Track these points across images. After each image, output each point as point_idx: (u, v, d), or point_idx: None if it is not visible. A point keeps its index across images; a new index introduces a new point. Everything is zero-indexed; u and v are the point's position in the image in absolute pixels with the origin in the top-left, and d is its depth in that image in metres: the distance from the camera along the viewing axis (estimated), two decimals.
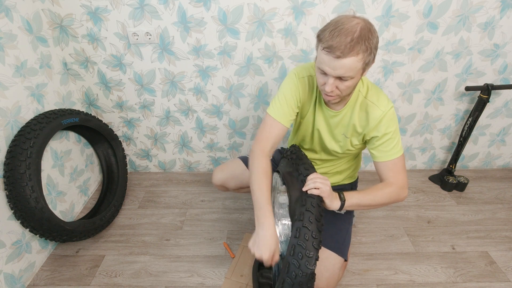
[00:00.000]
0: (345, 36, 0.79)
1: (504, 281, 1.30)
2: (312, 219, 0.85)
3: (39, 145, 1.22)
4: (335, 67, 0.83)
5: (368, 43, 0.81)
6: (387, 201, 0.99)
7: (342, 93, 0.91)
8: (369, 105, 0.99)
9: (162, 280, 1.33)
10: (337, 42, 0.80)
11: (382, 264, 1.38)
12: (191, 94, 1.67)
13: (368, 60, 0.84)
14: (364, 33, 0.80)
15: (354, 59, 0.81)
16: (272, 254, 0.89)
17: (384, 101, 0.99)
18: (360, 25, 0.81)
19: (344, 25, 0.81)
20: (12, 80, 1.24)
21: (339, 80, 0.87)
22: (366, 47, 0.81)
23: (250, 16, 1.42)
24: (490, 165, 1.98)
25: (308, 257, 0.82)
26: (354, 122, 1.03)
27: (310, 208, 0.87)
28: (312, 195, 0.90)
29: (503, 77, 1.60)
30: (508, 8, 1.40)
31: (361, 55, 0.81)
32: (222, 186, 1.38)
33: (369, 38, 0.81)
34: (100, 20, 1.43)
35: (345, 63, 0.81)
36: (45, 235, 1.27)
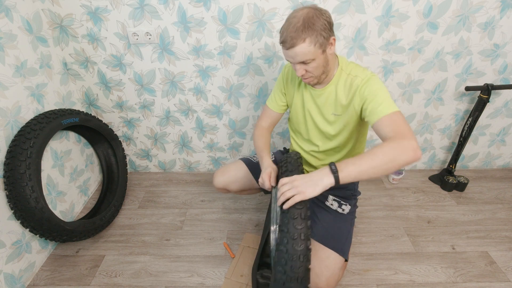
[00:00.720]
0: (290, 28, 0.90)
1: (504, 281, 1.30)
2: (294, 210, 0.84)
3: (39, 145, 1.22)
4: (291, 56, 0.94)
5: (312, 28, 0.89)
6: (391, 157, 0.81)
7: (314, 73, 1.00)
8: (352, 78, 1.04)
9: (162, 280, 1.33)
10: (285, 36, 0.92)
11: (382, 264, 1.38)
12: (191, 94, 1.67)
13: (320, 41, 0.91)
14: (306, 20, 0.89)
15: (303, 45, 0.90)
16: (268, 173, 1.06)
17: (366, 72, 1.03)
18: (303, 15, 0.90)
19: (290, 18, 0.92)
20: (12, 80, 1.24)
21: (304, 64, 0.96)
22: (311, 32, 0.89)
23: (250, 16, 1.42)
24: (490, 165, 1.98)
25: (293, 239, 0.81)
26: (339, 97, 1.07)
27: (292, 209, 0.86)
28: (290, 208, 0.85)
29: (503, 77, 1.60)
30: (508, 8, 1.40)
31: (308, 40, 0.90)
32: (223, 189, 1.38)
33: (313, 23, 0.89)
34: (100, 20, 1.43)
35: (297, 50, 0.92)
36: (45, 235, 1.27)
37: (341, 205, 1.27)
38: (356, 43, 1.49)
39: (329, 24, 0.93)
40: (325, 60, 0.98)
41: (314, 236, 1.22)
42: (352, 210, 1.28)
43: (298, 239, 0.80)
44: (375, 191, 1.82)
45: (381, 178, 1.92)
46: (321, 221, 1.25)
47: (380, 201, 1.74)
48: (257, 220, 1.63)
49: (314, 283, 1.17)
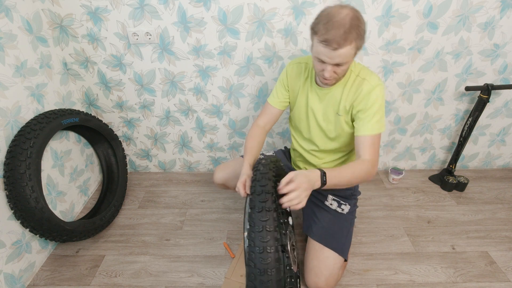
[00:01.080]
0: (338, 28, 0.86)
1: (504, 281, 1.30)
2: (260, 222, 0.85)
3: (39, 145, 1.22)
4: (333, 57, 0.91)
5: (359, 30, 0.88)
6: (361, 179, 1.01)
7: (339, 75, 1.00)
8: (360, 81, 1.05)
9: (162, 280, 1.33)
10: (332, 35, 0.87)
11: (382, 264, 1.38)
12: (191, 94, 1.67)
13: (360, 45, 0.92)
14: (354, 22, 0.87)
15: (349, 48, 0.89)
16: (243, 181, 1.03)
17: (375, 78, 1.04)
18: (349, 15, 0.87)
19: (335, 17, 0.88)
20: (12, 80, 1.24)
21: (336, 66, 0.95)
22: (357, 35, 0.88)
23: (250, 16, 1.42)
24: (490, 165, 1.97)
25: (258, 232, 0.82)
26: (344, 98, 1.07)
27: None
28: None
29: (503, 77, 1.60)
30: (508, 8, 1.40)
31: (354, 43, 0.89)
32: (223, 185, 1.38)
33: (359, 25, 0.88)
34: (100, 20, 1.43)
35: (341, 52, 0.89)
36: (45, 235, 1.27)
37: (340, 205, 1.27)
38: None
39: (366, 27, 0.93)
40: (350, 64, 0.99)
41: (314, 236, 1.22)
42: (352, 210, 1.28)
43: (264, 231, 0.82)
44: (375, 191, 1.82)
45: (381, 178, 1.92)
46: (321, 221, 1.25)
47: (380, 201, 1.74)
48: None
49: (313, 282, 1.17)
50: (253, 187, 0.90)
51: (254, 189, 0.89)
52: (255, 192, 0.88)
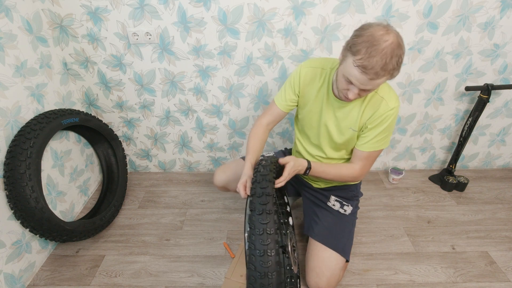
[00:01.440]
0: (380, 58, 0.81)
1: (504, 281, 1.30)
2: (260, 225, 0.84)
3: (39, 145, 1.22)
4: (366, 84, 0.86)
5: (399, 60, 0.83)
6: (343, 181, 1.14)
7: (361, 96, 0.97)
8: (378, 99, 1.02)
9: (162, 280, 1.33)
10: (373, 64, 0.81)
11: (382, 264, 1.38)
12: (191, 94, 1.67)
13: (396, 74, 0.87)
14: (396, 52, 0.82)
15: (382, 80, 0.85)
16: (243, 182, 1.03)
17: (393, 98, 1.02)
18: (393, 44, 0.82)
19: (379, 44, 0.81)
20: (12, 80, 1.24)
21: (362, 91, 0.91)
22: (397, 65, 0.84)
23: (250, 16, 1.42)
24: (490, 165, 1.98)
25: (259, 235, 0.82)
26: (361, 115, 1.05)
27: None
28: None
29: (503, 77, 1.60)
30: (508, 8, 1.40)
31: (388, 77, 0.86)
32: (223, 188, 1.38)
33: (400, 55, 0.83)
34: (100, 20, 1.43)
35: (376, 83, 0.86)
36: (45, 235, 1.27)
37: (343, 206, 1.27)
38: None
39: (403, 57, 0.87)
40: None
41: (316, 236, 1.22)
42: (354, 211, 1.28)
43: (264, 234, 0.82)
44: (375, 191, 1.82)
45: (381, 178, 1.92)
46: (322, 221, 1.25)
47: (380, 201, 1.74)
48: None
49: (314, 283, 1.17)
50: (254, 188, 0.89)
51: (255, 191, 0.88)
52: (255, 194, 0.88)
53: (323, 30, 1.45)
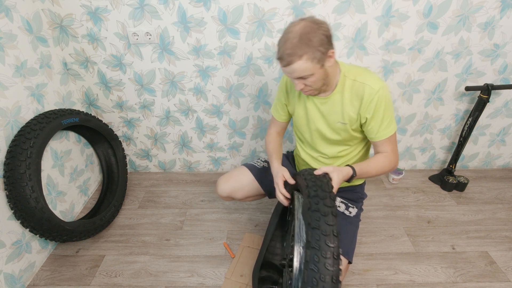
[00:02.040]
0: (285, 45, 0.88)
1: (504, 281, 1.30)
2: (326, 226, 0.77)
3: (39, 145, 1.22)
4: (288, 72, 0.93)
5: (309, 44, 0.86)
6: (386, 171, 1.06)
7: (313, 86, 0.97)
8: (359, 86, 1.01)
9: (162, 280, 1.33)
10: (281, 52, 0.89)
11: (382, 264, 1.38)
12: (191, 94, 1.67)
13: (318, 57, 0.89)
14: (303, 36, 0.86)
15: (300, 62, 0.88)
16: (280, 176, 1.08)
17: (375, 81, 1.00)
18: (300, 30, 0.87)
19: (287, 33, 0.89)
20: (12, 80, 1.24)
21: (302, 79, 0.94)
22: (308, 49, 0.87)
23: (250, 16, 1.42)
24: (490, 165, 1.98)
25: (325, 258, 0.73)
26: (346, 107, 1.04)
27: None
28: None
29: (503, 77, 1.60)
30: (508, 8, 1.40)
31: (305, 56, 0.87)
32: (228, 197, 1.35)
33: (309, 39, 0.86)
34: (100, 20, 1.43)
35: (294, 67, 0.89)
36: (45, 235, 1.27)
37: (348, 208, 1.26)
38: (356, 43, 1.49)
39: (327, 37, 0.90)
40: (324, 74, 0.96)
41: None
42: (358, 214, 1.27)
43: (331, 258, 0.74)
44: (375, 191, 1.82)
45: (381, 178, 1.92)
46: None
47: (380, 201, 1.74)
48: (257, 220, 1.63)
49: None
50: (316, 204, 0.81)
51: (318, 207, 0.80)
52: (319, 210, 0.79)
53: None
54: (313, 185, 0.86)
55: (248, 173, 1.33)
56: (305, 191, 0.87)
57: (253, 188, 1.32)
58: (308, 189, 0.86)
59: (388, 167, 1.06)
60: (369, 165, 1.04)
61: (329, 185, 0.86)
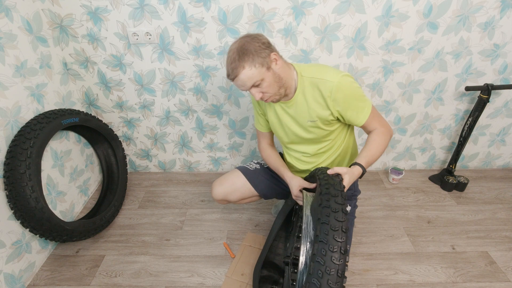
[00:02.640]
0: (228, 61, 0.96)
1: (504, 281, 1.30)
2: (335, 222, 0.77)
3: (39, 145, 1.22)
4: (240, 85, 0.98)
5: (247, 53, 0.93)
6: (386, 144, 1.08)
7: (270, 91, 1.00)
8: (317, 82, 1.02)
9: (162, 280, 1.33)
10: (227, 70, 0.98)
11: (382, 264, 1.38)
12: (191, 94, 1.67)
13: (259, 61, 0.94)
14: (240, 49, 0.94)
15: (244, 71, 0.94)
16: (297, 186, 1.13)
17: (331, 74, 1.01)
18: (236, 46, 0.95)
19: (228, 53, 0.98)
20: (12, 80, 1.24)
21: (256, 87, 0.99)
22: (247, 57, 0.93)
23: (250, 16, 1.42)
24: (490, 165, 1.97)
25: (332, 252, 0.74)
26: (312, 105, 1.05)
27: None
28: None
29: (503, 77, 1.60)
30: (508, 8, 1.40)
31: (247, 65, 0.94)
32: (223, 200, 1.37)
33: (246, 49, 0.94)
34: (100, 20, 1.43)
35: (241, 78, 0.96)
36: (45, 235, 1.27)
37: None
38: (356, 43, 1.49)
39: (264, 44, 0.96)
40: (275, 76, 0.99)
41: None
42: (352, 211, 1.28)
43: (338, 252, 0.75)
44: (375, 191, 1.82)
45: (381, 178, 1.92)
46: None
47: (380, 201, 1.74)
48: (257, 220, 1.63)
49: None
50: (327, 201, 0.82)
51: (329, 204, 0.82)
52: (330, 207, 0.81)
53: (323, 30, 1.45)
54: (326, 183, 0.88)
55: (241, 176, 1.35)
56: (318, 189, 0.90)
57: (247, 190, 1.34)
58: (320, 187, 0.88)
59: (386, 140, 1.08)
60: (370, 151, 1.05)
61: (341, 184, 0.88)
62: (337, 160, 1.22)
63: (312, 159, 1.21)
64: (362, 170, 1.00)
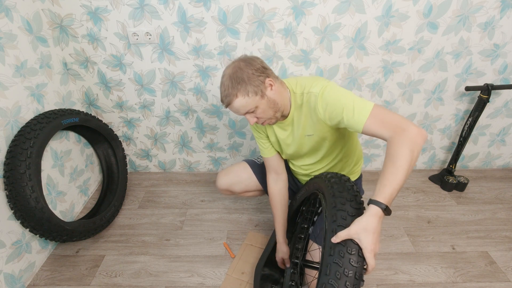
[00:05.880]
0: (222, 88, 0.94)
1: (504, 281, 1.30)
2: None
3: (39, 145, 1.22)
4: (234, 111, 0.97)
5: (240, 82, 0.91)
6: (410, 155, 0.77)
7: (265, 117, 0.99)
8: (307, 96, 0.99)
9: (162, 280, 1.33)
10: (221, 96, 0.96)
11: (382, 264, 1.38)
12: (191, 94, 1.67)
13: (252, 90, 0.92)
14: (233, 77, 0.92)
15: (237, 100, 0.93)
16: (281, 259, 1.23)
17: (316, 85, 0.96)
18: (230, 72, 0.93)
19: (222, 78, 0.95)
20: (12, 80, 1.24)
21: (250, 113, 0.98)
22: (239, 86, 0.91)
23: (250, 16, 1.42)
24: (490, 165, 1.98)
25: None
26: (308, 120, 1.02)
27: None
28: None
29: (503, 77, 1.60)
30: (508, 8, 1.40)
31: (240, 94, 0.92)
32: (227, 190, 1.37)
33: (239, 77, 0.91)
34: (100, 20, 1.43)
35: (234, 106, 0.94)
36: (45, 235, 1.27)
37: None
38: (356, 43, 1.49)
39: (258, 70, 0.93)
40: (269, 103, 0.96)
41: (315, 239, 1.22)
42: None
43: (356, 255, 0.74)
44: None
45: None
46: (323, 223, 1.24)
47: None
48: (257, 220, 1.63)
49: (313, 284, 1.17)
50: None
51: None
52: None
53: (323, 30, 1.45)
54: (338, 188, 0.87)
55: (248, 168, 1.35)
56: (330, 192, 0.87)
57: (252, 183, 1.34)
58: (333, 189, 0.87)
59: (407, 148, 0.77)
60: (384, 176, 0.80)
61: (354, 187, 0.88)
62: (339, 165, 1.21)
63: (314, 166, 1.22)
64: (380, 208, 0.76)
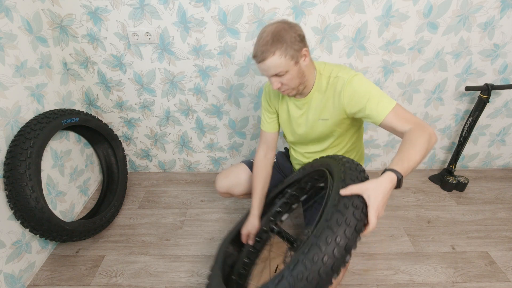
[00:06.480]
0: (259, 42, 0.93)
1: (504, 281, 1.30)
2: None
3: (39, 145, 1.22)
4: (264, 69, 0.95)
5: (281, 41, 0.90)
6: (427, 143, 0.84)
7: (290, 85, 0.99)
8: (334, 80, 1.01)
9: (162, 280, 1.33)
10: (256, 50, 0.94)
11: (382, 264, 1.38)
12: (191, 94, 1.67)
13: (291, 53, 0.92)
14: (275, 34, 0.91)
15: (273, 58, 0.91)
16: (247, 232, 1.19)
17: (347, 72, 0.99)
18: (272, 29, 0.92)
19: (261, 33, 0.94)
20: (12, 80, 1.24)
21: (278, 77, 0.97)
22: (280, 45, 0.90)
23: (250, 16, 1.42)
24: (490, 165, 1.98)
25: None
26: (328, 103, 1.04)
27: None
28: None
29: (503, 77, 1.60)
30: (508, 8, 1.40)
31: (278, 52, 0.91)
32: (227, 193, 1.36)
33: (282, 36, 0.90)
34: (100, 20, 1.43)
35: (267, 64, 0.92)
36: (45, 235, 1.27)
37: None
38: (356, 43, 1.49)
39: (300, 36, 0.94)
40: (299, 72, 0.97)
41: (308, 221, 1.23)
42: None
43: (360, 210, 0.72)
44: None
45: None
46: (320, 207, 1.24)
47: None
48: None
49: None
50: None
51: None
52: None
53: (323, 30, 1.45)
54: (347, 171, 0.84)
55: (246, 169, 1.34)
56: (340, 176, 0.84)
57: (251, 184, 1.33)
58: (342, 173, 0.83)
59: (424, 137, 0.84)
60: (403, 152, 0.81)
61: (359, 166, 0.85)
62: None
63: (317, 155, 1.21)
64: (396, 176, 0.75)
